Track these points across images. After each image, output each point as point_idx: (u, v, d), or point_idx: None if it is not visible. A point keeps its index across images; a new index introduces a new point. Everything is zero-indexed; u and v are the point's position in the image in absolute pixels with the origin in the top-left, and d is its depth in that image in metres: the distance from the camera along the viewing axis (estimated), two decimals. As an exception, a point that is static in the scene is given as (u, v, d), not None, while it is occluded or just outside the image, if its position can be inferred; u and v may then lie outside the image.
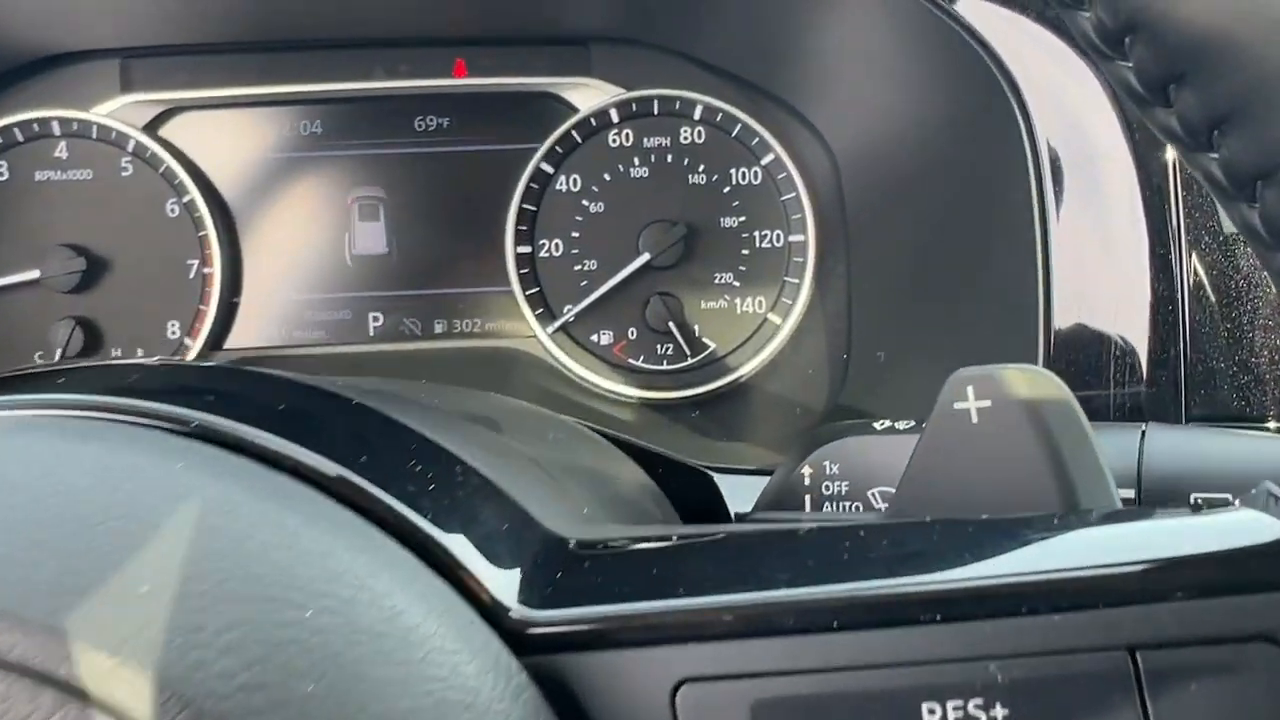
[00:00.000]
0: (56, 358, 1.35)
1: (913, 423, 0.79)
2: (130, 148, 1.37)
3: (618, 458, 0.94)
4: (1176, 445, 0.84)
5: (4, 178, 1.37)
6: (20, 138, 1.36)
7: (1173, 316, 1.03)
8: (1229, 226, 1.04)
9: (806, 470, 0.80)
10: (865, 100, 1.21)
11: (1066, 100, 1.02)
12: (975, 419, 0.58)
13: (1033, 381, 0.58)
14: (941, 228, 1.12)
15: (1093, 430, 0.58)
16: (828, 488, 0.80)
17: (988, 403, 0.57)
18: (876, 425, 0.80)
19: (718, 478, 1.05)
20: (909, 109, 1.12)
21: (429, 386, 0.92)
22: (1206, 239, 1.06)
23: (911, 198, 1.15)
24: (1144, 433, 0.84)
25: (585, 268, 1.41)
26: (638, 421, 1.39)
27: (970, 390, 0.58)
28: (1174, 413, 1.05)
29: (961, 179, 1.06)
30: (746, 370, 1.41)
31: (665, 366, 1.42)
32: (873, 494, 0.78)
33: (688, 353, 1.40)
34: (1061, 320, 1.04)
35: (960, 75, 0.99)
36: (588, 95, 1.39)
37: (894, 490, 0.62)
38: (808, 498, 0.81)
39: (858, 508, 0.79)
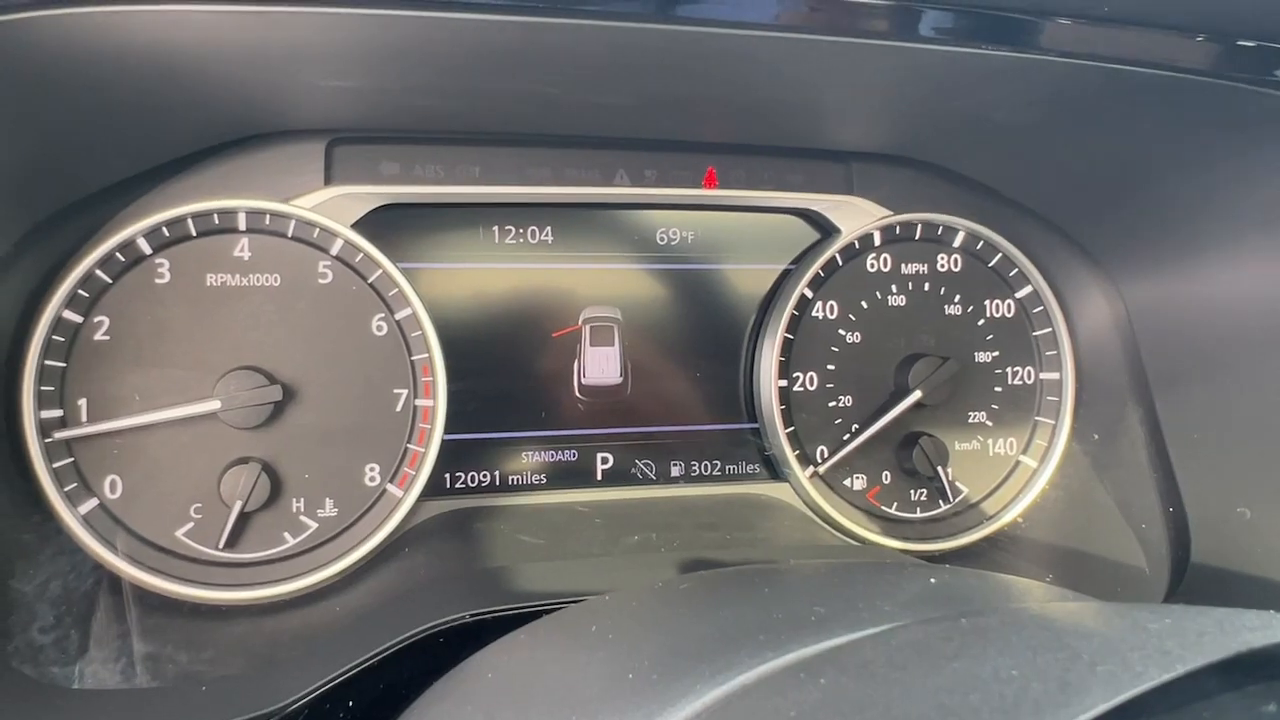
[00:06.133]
0: (235, 512, 1.05)
1: None
2: (335, 250, 1.11)
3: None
4: None
5: (163, 280, 1.07)
6: (193, 231, 1.07)
7: None
8: None
9: None
10: (1220, 259, 1.11)
11: None
12: None
13: None
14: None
15: None
16: None
17: None
18: None
19: None
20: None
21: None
22: None
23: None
24: None
25: (840, 404, 1.26)
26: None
27: None
28: None
29: None
30: (1008, 517, 1.30)
31: (919, 514, 1.29)
32: None
33: (950, 498, 1.27)
34: None
35: None
36: (850, 215, 1.26)
37: None
38: None
39: None
